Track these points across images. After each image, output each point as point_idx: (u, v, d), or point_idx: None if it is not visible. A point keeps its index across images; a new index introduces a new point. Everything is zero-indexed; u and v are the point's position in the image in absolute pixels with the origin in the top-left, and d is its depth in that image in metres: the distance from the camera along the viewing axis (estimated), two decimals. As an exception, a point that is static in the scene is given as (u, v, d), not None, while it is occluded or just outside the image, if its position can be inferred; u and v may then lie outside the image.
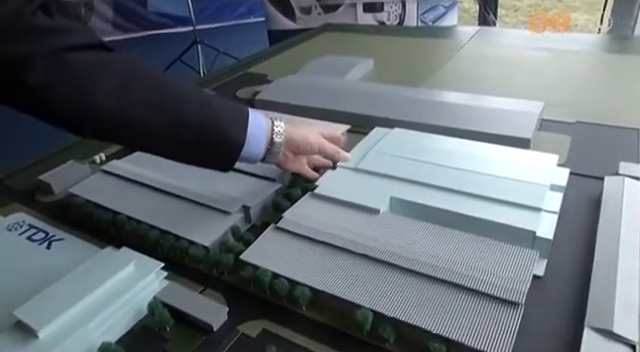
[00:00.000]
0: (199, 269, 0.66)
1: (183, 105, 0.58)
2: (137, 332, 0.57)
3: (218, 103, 0.61)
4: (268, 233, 0.67)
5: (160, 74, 0.60)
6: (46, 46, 0.50)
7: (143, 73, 0.57)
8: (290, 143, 0.66)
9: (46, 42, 0.51)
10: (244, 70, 1.51)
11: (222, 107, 0.61)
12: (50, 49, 0.51)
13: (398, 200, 0.71)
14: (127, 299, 0.57)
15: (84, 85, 0.53)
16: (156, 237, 0.69)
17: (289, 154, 0.69)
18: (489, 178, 0.73)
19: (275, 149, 0.65)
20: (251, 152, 0.62)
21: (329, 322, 0.56)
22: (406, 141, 0.87)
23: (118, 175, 0.85)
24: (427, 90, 1.15)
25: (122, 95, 0.54)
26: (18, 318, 0.52)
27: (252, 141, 0.61)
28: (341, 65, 1.36)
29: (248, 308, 0.59)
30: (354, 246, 0.62)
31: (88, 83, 0.53)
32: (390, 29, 2.14)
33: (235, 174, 0.81)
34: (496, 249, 0.61)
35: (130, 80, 0.55)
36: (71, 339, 0.52)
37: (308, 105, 1.10)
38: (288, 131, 0.65)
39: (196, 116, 0.58)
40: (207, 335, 0.56)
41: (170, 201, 0.77)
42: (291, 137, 0.66)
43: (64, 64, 0.52)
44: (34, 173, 0.93)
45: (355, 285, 0.57)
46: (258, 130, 0.61)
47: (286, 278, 0.59)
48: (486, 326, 0.50)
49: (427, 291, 0.55)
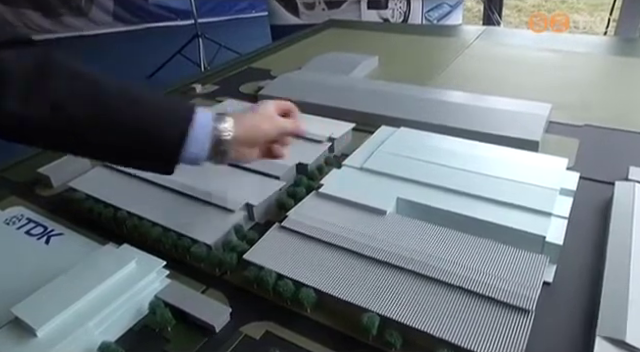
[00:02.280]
0: (201, 268, 0.65)
1: (105, 102, 0.52)
2: (137, 332, 0.56)
3: (152, 102, 0.56)
4: (272, 232, 0.66)
5: (82, 70, 0.53)
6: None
7: (56, 68, 0.51)
8: (240, 139, 0.60)
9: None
10: (247, 65, 1.49)
11: (156, 106, 0.55)
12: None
13: (405, 201, 0.70)
14: (128, 297, 0.56)
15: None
16: (158, 235, 0.68)
17: (244, 149, 0.62)
18: (498, 181, 0.72)
19: (222, 148, 0.58)
20: (193, 153, 0.56)
21: (334, 325, 0.55)
22: (412, 141, 0.86)
23: (119, 170, 0.84)
24: (433, 89, 1.14)
25: (29, 95, 0.48)
26: (16, 315, 0.51)
27: (193, 142, 0.55)
28: (346, 62, 1.35)
29: (251, 309, 0.58)
30: (361, 248, 0.61)
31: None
32: (395, 26, 2.13)
33: (238, 171, 0.80)
34: (505, 253, 0.59)
35: (39, 78, 0.49)
36: (70, 338, 0.50)
37: (313, 102, 1.08)
38: (237, 128, 0.59)
39: (121, 116, 0.53)
40: (209, 336, 0.55)
41: (172, 198, 0.75)
42: (240, 133, 0.59)
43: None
44: (33, 166, 0.91)
45: (362, 288, 0.56)
46: (201, 130, 0.56)
47: (291, 279, 0.58)
48: (496, 333, 0.49)
49: (435, 296, 0.54)
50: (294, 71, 1.30)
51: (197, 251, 0.64)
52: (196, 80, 1.34)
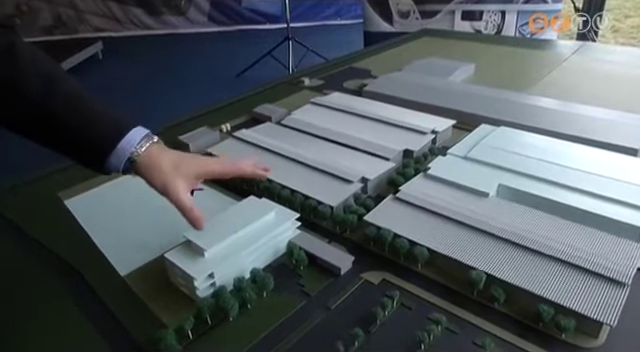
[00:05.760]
0: (323, 226, 0.76)
1: (58, 87, 0.58)
2: (275, 268, 0.68)
3: (99, 108, 0.61)
4: (387, 201, 0.76)
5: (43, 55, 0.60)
6: None
7: (22, 48, 0.58)
8: (144, 165, 0.60)
9: None
10: (349, 65, 1.61)
11: (101, 112, 0.60)
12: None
13: (506, 187, 0.77)
14: (269, 239, 0.68)
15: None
16: (287, 195, 0.80)
17: (160, 176, 0.61)
18: (595, 177, 0.78)
19: (134, 167, 0.61)
20: (113, 164, 0.60)
21: (442, 280, 0.64)
22: (512, 138, 0.93)
23: (248, 141, 0.97)
24: (531, 96, 1.19)
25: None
26: (188, 238, 0.64)
27: (115, 155, 0.59)
28: (444, 67, 1.43)
29: (369, 262, 0.68)
30: (467, 219, 0.69)
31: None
32: (489, 37, 2.17)
33: (354, 151, 0.91)
34: (602, 238, 0.65)
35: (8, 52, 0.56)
36: (229, 261, 0.63)
37: (414, 100, 1.18)
38: (148, 155, 0.60)
39: (69, 106, 0.58)
40: (334, 278, 0.66)
41: (297, 167, 0.87)
42: (144, 160, 0.60)
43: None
44: (172, 134, 1.07)
45: (469, 251, 0.64)
46: (126, 145, 0.59)
47: (406, 239, 0.67)
48: (594, 298, 0.56)
49: (536, 263, 0.61)
50: (394, 72, 1.40)
51: (322, 210, 0.75)
52: (304, 74, 1.47)
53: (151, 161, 0.61)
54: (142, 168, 0.61)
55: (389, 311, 0.59)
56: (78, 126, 0.59)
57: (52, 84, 0.58)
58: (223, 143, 0.99)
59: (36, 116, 0.57)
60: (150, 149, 0.61)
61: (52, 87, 0.58)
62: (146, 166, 0.61)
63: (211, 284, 0.61)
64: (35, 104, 0.57)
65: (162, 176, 0.61)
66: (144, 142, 0.61)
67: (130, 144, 0.60)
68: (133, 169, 0.61)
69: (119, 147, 0.59)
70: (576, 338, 0.55)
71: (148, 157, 0.61)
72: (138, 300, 0.63)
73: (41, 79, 0.57)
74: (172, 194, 0.61)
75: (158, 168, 0.61)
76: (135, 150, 0.60)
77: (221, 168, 0.68)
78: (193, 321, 0.56)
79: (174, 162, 0.63)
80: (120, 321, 0.60)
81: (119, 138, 0.59)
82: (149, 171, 0.61)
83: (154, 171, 0.61)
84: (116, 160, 0.60)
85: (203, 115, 1.23)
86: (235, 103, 1.32)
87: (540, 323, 0.56)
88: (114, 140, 0.59)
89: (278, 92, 1.36)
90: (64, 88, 0.59)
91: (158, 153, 0.62)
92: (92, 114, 0.60)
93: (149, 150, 0.61)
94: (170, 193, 0.61)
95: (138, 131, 0.61)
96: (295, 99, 1.29)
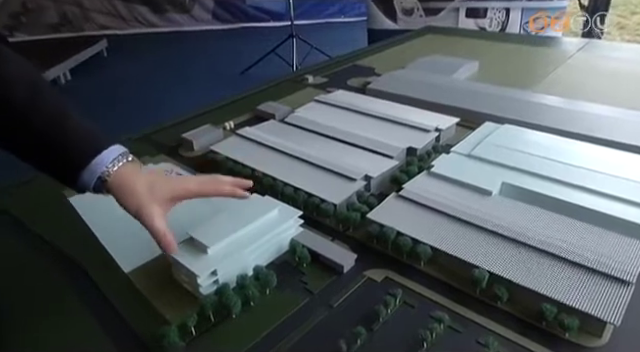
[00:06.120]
0: (326, 223, 0.76)
1: (39, 97, 0.58)
2: (278, 265, 0.68)
3: (77, 123, 0.59)
4: (390, 199, 0.76)
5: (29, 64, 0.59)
6: None
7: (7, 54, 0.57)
8: (115, 185, 0.58)
9: None
10: (353, 62, 1.61)
11: (78, 127, 0.59)
12: None
13: (510, 186, 0.77)
14: (271, 236, 0.68)
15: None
16: (290, 193, 0.80)
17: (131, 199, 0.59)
18: (600, 175, 0.77)
19: (104, 186, 0.58)
20: (85, 181, 0.58)
21: (445, 279, 0.64)
22: (516, 136, 0.92)
23: (251, 139, 0.97)
24: (535, 94, 1.19)
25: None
26: (191, 236, 0.64)
27: (88, 171, 0.58)
28: (448, 64, 1.42)
29: (372, 259, 0.68)
30: (470, 218, 0.69)
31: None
32: (493, 35, 2.16)
33: (357, 149, 0.91)
34: (606, 237, 0.65)
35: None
36: (231, 258, 0.63)
37: (418, 97, 1.17)
38: (121, 176, 0.58)
39: (42, 125, 0.57)
40: (337, 276, 0.66)
41: (300, 165, 0.87)
42: (115, 181, 0.58)
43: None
44: (175, 131, 1.08)
45: (472, 249, 0.64)
46: (99, 164, 0.58)
47: (409, 236, 0.67)
48: (598, 297, 0.56)
49: (539, 262, 0.61)
50: (398, 70, 1.39)
51: (325, 208, 0.75)
52: (307, 72, 1.47)
53: (123, 181, 0.58)
54: (114, 188, 0.58)
55: (392, 309, 0.59)
56: (55, 140, 0.57)
57: (34, 94, 0.57)
58: (226, 140, 0.99)
59: (15, 127, 0.56)
60: (123, 169, 0.59)
61: (34, 97, 0.57)
62: (117, 186, 0.58)
63: (214, 281, 0.62)
64: (15, 115, 0.56)
65: (135, 199, 0.58)
66: (117, 161, 0.59)
67: (103, 162, 0.58)
68: (104, 188, 0.58)
69: (92, 164, 0.57)
70: (580, 337, 0.55)
71: (120, 177, 0.58)
72: (141, 297, 0.63)
73: (24, 90, 0.56)
74: (146, 219, 0.58)
75: (131, 190, 0.58)
76: (107, 169, 0.58)
77: (198, 188, 0.64)
78: (196, 318, 0.57)
79: (148, 184, 0.60)
80: (124, 317, 0.60)
81: (94, 155, 0.58)
82: (121, 192, 0.58)
83: (126, 193, 0.58)
84: (88, 177, 0.57)
85: (207, 113, 1.23)
86: (239, 101, 1.32)
87: (543, 322, 0.56)
88: (88, 156, 0.57)
89: (282, 90, 1.36)
90: (46, 99, 0.58)
91: (131, 174, 0.60)
92: (70, 129, 0.58)
93: (122, 170, 0.59)
94: (144, 218, 0.58)
95: (114, 149, 0.59)
96: (299, 97, 1.28)
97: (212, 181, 0.66)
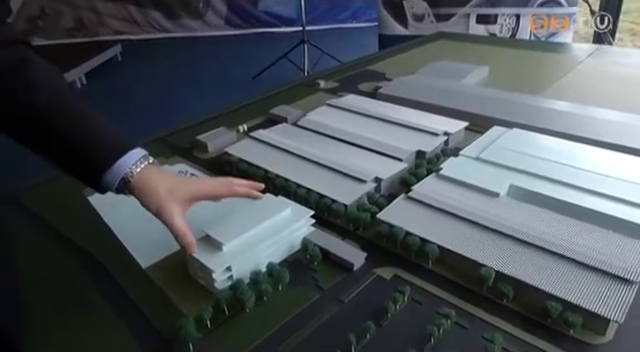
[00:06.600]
0: (337, 224, 0.78)
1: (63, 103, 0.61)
2: (291, 262, 0.70)
3: (101, 125, 0.62)
4: (400, 200, 0.78)
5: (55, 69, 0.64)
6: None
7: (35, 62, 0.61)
8: (138, 186, 0.61)
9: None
10: (364, 67, 1.63)
11: (96, 134, 0.61)
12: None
13: (517, 188, 0.79)
14: (284, 235, 0.70)
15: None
16: (303, 194, 0.82)
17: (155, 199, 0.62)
18: (608, 178, 0.79)
19: (127, 187, 0.62)
20: (108, 182, 0.61)
21: (453, 277, 0.66)
22: (525, 140, 0.94)
23: (264, 141, 1.00)
24: (545, 99, 1.20)
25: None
26: (207, 233, 0.67)
27: (111, 173, 0.61)
28: (458, 69, 1.44)
29: (381, 258, 0.70)
30: (477, 219, 0.71)
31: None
32: (504, 41, 2.18)
33: (366, 152, 0.93)
34: (611, 238, 0.66)
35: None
36: (245, 255, 0.65)
37: (428, 102, 1.19)
38: (143, 177, 0.61)
39: (66, 129, 0.60)
40: (348, 273, 0.68)
41: (312, 167, 0.89)
42: (138, 181, 0.61)
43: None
44: (190, 134, 1.11)
45: (479, 249, 0.66)
46: (123, 165, 0.61)
47: (417, 236, 0.69)
48: (601, 295, 0.57)
49: (545, 261, 0.63)
50: (408, 75, 1.42)
51: (337, 208, 0.77)
52: (319, 76, 1.50)
53: (145, 182, 0.62)
54: (136, 188, 0.61)
55: (400, 305, 0.61)
56: (78, 142, 0.60)
57: (58, 99, 0.60)
58: (240, 143, 1.02)
59: (40, 129, 0.59)
60: (145, 170, 0.62)
61: (58, 102, 0.60)
62: (140, 187, 0.61)
63: (229, 277, 0.64)
64: (40, 118, 0.59)
65: (156, 199, 0.61)
66: (139, 163, 0.62)
67: (126, 164, 0.61)
68: (127, 189, 0.61)
69: (115, 165, 0.60)
70: (584, 334, 0.56)
71: (142, 178, 0.61)
72: (159, 291, 0.66)
73: (48, 94, 0.60)
74: (167, 218, 0.61)
75: (153, 190, 0.62)
76: (130, 170, 0.61)
77: (214, 190, 0.68)
78: (212, 311, 0.59)
79: (169, 185, 0.63)
80: (142, 310, 0.63)
81: (117, 157, 0.61)
82: (143, 192, 0.61)
83: (148, 193, 0.62)
84: (111, 178, 0.60)
85: (221, 116, 1.26)
86: (251, 104, 1.35)
87: (548, 319, 0.57)
88: (111, 158, 0.60)
89: (294, 94, 1.39)
90: (69, 104, 0.61)
91: (153, 175, 0.63)
92: (93, 131, 0.61)
93: (144, 171, 0.62)
94: (164, 217, 0.61)
95: (136, 152, 0.63)
96: (311, 101, 1.31)
97: (227, 183, 0.69)
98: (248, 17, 5.49)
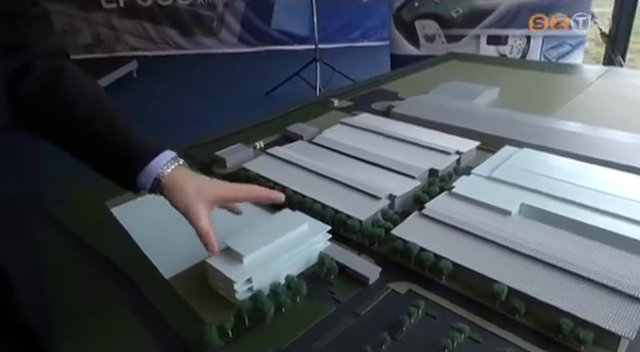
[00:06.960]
0: (353, 239, 0.80)
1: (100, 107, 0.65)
2: (308, 276, 0.72)
3: (130, 133, 0.66)
4: (413, 217, 0.80)
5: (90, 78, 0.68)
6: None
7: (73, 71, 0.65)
8: (168, 186, 0.65)
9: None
10: (377, 86, 1.67)
11: (132, 138, 0.65)
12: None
13: (529, 207, 0.81)
14: (301, 249, 0.72)
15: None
16: (319, 209, 0.84)
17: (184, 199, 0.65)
18: (619, 199, 0.80)
19: (159, 187, 0.65)
20: (141, 182, 0.65)
21: (466, 293, 0.67)
22: (536, 160, 0.96)
23: (281, 158, 1.03)
24: (555, 119, 1.22)
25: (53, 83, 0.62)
26: (228, 245, 0.69)
27: (144, 174, 0.64)
28: (469, 90, 1.47)
29: (395, 273, 0.72)
30: (489, 235, 0.73)
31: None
32: (515, 62, 2.21)
33: (380, 169, 0.96)
34: (622, 257, 0.68)
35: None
36: (265, 267, 0.68)
37: (440, 122, 1.22)
38: (173, 178, 0.65)
39: (103, 133, 0.64)
40: (363, 287, 0.70)
41: (328, 183, 0.92)
42: (168, 182, 0.65)
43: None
44: (208, 149, 1.15)
45: (491, 265, 0.68)
46: (155, 166, 0.65)
47: (431, 252, 0.71)
48: (613, 312, 0.59)
49: (557, 279, 0.65)
50: (421, 95, 1.45)
51: (352, 224, 0.80)
52: (333, 95, 1.54)
53: (175, 182, 0.65)
54: (167, 188, 0.65)
55: (415, 319, 0.63)
56: (115, 145, 0.64)
57: (95, 105, 0.65)
58: (257, 159, 1.05)
59: (78, 134, 0.64)
60: (175, 171, 0.66)
61: (95, 108, 0.65)
62: (171, 186, 0.65)
63: (249, 288, 0.66)
64: (78, 124, 0.63)
65: (185, 198, 0.65)
66: (170, 164, 0.66)
67: (158, 165, 0.65)
68: (159, 189, 0.65)
69: (149, 166, 0.64)
70: (595, 351, 0.57)
71: (172, 178, 0.65)
72: (182, 301, 0.68)
73: (86, 101, 0.64)
74: (193, 217, 0.64)
75: (182, 190, 0.65)
76: (162, 171, 0.65)
77: (238, 193, 0.72)
78: (233, 321, 0.61)
79: (197, 186, 0.67)
80: (166, 319, 0.65)
81: (150, 158, 0.65)
82: (173, 192, 0.65)
83: (177, 192, 0.65)
84: (144, 179, 0.64)
85: (237, 133, 1.30)
86: (267, 122, 1.39)
87: (560, 335, 0.59)
88: (145, 159, 0.64)
89: (308, 112, 1.42)
90: (105, 109, 0.66)
91: (183, 175, 0.67)
92: (128, 135, 0.66)
93: (174, 172, 0.66)
94: (191, 215, 0.64)
95: (167, 153, 0.67)
96: (325, 119, 1.34)
97: (250, 188, 0.74)
98: (261, 35, 5.59)
